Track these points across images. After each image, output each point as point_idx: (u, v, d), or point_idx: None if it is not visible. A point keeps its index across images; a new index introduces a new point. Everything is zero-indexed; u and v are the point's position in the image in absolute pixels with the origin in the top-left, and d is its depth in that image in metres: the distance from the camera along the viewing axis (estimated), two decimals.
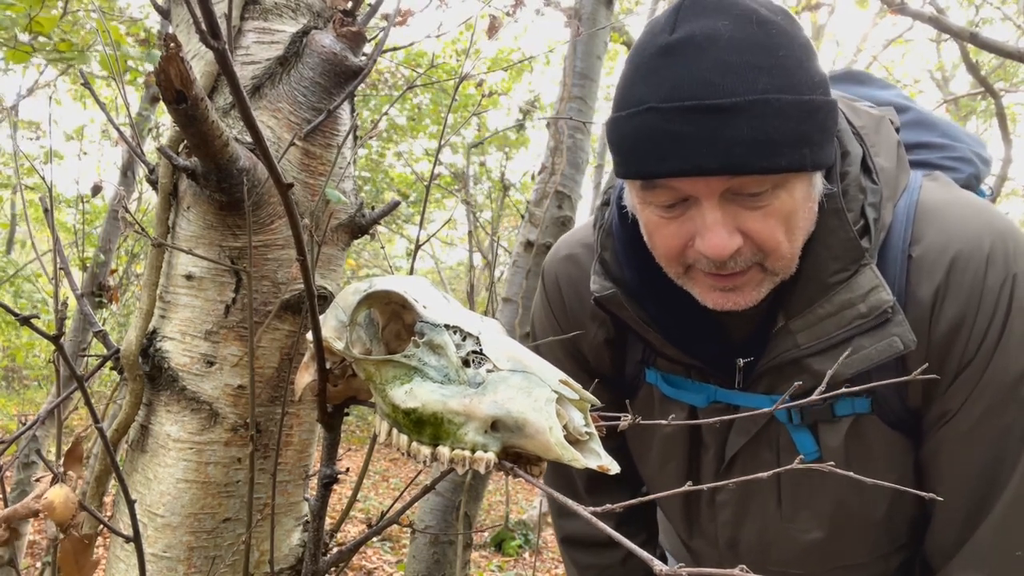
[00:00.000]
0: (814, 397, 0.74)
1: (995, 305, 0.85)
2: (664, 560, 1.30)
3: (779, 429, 0.98)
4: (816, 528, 1.01)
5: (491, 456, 0.60)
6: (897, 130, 1.00)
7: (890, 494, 0.96)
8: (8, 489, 3.38)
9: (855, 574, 1.07)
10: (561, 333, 1.15)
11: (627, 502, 0.58)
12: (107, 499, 1.27)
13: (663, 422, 0.82)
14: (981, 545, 0.90)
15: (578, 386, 0.64)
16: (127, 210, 1.15)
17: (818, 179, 0.85)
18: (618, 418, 0.78)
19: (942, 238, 0.88)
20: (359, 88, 1.00)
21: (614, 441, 1.18)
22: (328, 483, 0.79)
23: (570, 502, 0.55)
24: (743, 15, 0.80)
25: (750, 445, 1.00)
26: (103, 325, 1.62)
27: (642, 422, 0.79)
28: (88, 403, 0.66)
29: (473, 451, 0.60)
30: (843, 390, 0.78)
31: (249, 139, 0.90)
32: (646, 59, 0.83)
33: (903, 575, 1.08)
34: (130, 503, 0.72)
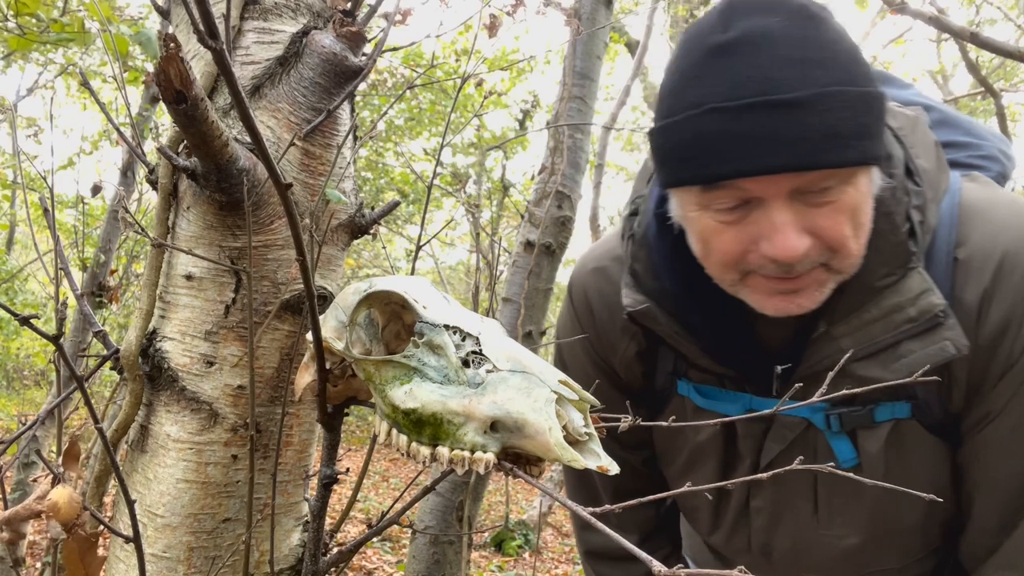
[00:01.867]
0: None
1: None
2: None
3: (816, 436, 0.97)
4: (853, 534, 1.00)
5: (490, 456, 0.60)
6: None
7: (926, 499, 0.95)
8: (8, 489, 3.38)
9: None
10: (590, 347, 1.12)
11: (627, 503, 0.58)
12: (107, 499, 1.27)
13: (664, 422, 0.81)
14: (1017, 548, 0.90)
15: (577, 386, 0.64)
16: (127, 210, 1.15)
17: (876, 173, 0.84)
18: (619, 419, 0.78)
19: (988, 240, 0.87)
20: (359, 89, 1.00)
21: (644, 452, 1.17)
22: (328, 483, 0.79)
23: (569, 503, 0.55)
24: (794, 12, 0.79)
25: (786, 453, 0.98)
26: (103, 325, 1.62)
27: (642, 423, 0.78)
28: (88, 403, 0.66)
29: (473, 451, 0.60)
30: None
31: (249, 139, 0.90)
32: (698, 60, 0.80)
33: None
34: (130, 503, 0.72)
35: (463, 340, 0.65)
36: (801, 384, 0.93)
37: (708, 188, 0.82)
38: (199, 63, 0.97)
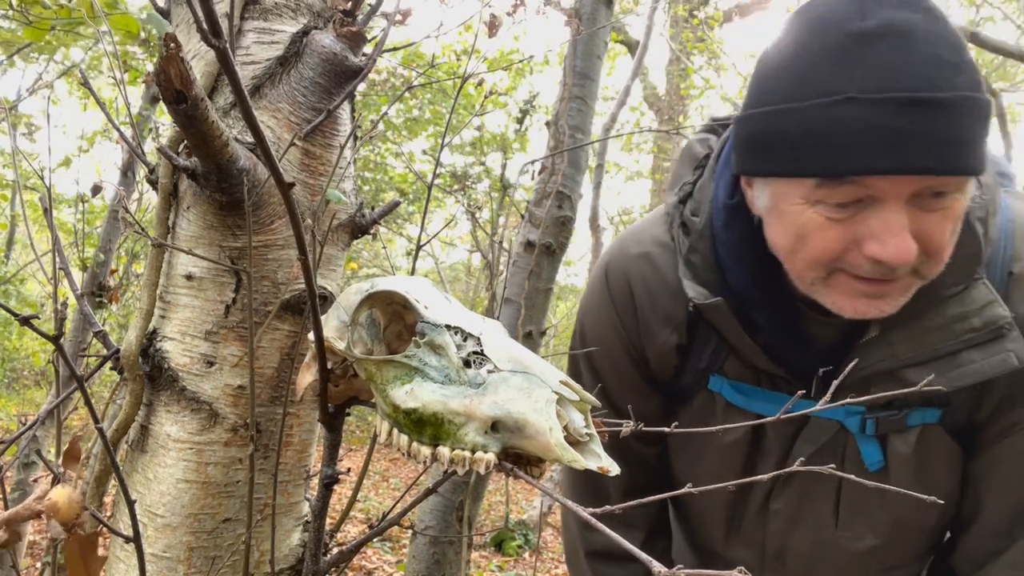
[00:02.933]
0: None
1: None
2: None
3: (847, 439, 0.97)
4: (871, 535, 1.00)
5: (491, 457, 0.60)
6: None
7: (947, 500, 0.97)
8: (8, 489, 3.38)
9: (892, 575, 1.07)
10: (625, 336, 1.08)
11: (627, 503, 0.58)
12: (107, 499, 1.27)
13: (636, 428, 0.80)
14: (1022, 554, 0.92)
15: (578, 387, 0.64)
16: (127, 210, 1.15)
17: (973, 183, 0.83)
18: (620, 426, 0.78)
19: None
20: (359, 89, 1.00)
21: (655, 449, 1.15)
22: (329, 483, 0.79)
23: (569, 502, 0.54)
24: (930, 9, 0.76)
25: (814, 454, 0.98)
26: (103, 325, 1.62)
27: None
28: (88, 403, 0.66)
29: (473, 451, 0.60)
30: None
31: (249, 139, 0.90)
32: (833, 45, 0.75)
33: (928, 573, 1.10)
34: (130, 503, 0.72)
35: (464, 340, 0.65)
36: (850, 387, 0.90)
37: (827, 182, 0.77)
38: (199, 63, 0.97)
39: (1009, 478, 0.93)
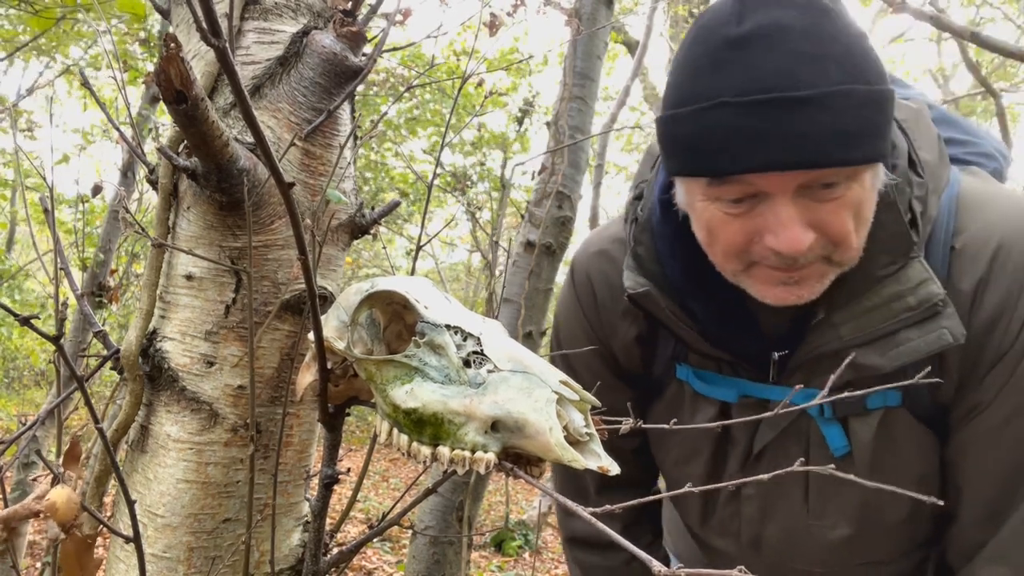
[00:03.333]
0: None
1: None
2: (667, 563, 1.29)
3: (809, 423, 0.98)
4: (844, 524, 1.00)
5: (491, 456, 0.60)
6: None
7: (914, 487, 0.95)
8: (8, 489, 3.38)
9: (876, 572, 1.06)
10: (592, 332, 1.12)
11: (628, 503, 0.58)
12: (107, 499, 1.27)
13: (661, 412, 0.81)
14: (1005, 544, 0.90)
15: (578, 387, 0.64)
16: (127, 210, 1.15)
17: (881, 169, 0.85)
18: (619, 421, 0.78)
19: (984, 230, 0.88)
20: (359, 89, 1.00)
21: (636, 440, 1.17)
22: (329, 483, 0.79)
23: (570, 503, 0.54)
24: (809, 4, 0.78)
25: (779, 439, 0.99)
26: (103, 325, 1.62)
27: (644, 425, 0.78)
28: (88, 403, 0.66)
29: (473, 451, 0.60)
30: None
31: (249, 139, 0.90)
32: (711, 52, 0.80)
33: (920, 573, 1.08)
34: (130, 503, 0.72)
35: (464, 340, 0.65)
36: (801, 369, 0.94)
37: (714, 181, 0.82)
38: (199, 63, 0.97)
39: (981, 463, 0.92)
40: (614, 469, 0.60)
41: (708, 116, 0.79)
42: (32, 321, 0.57)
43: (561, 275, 2.87)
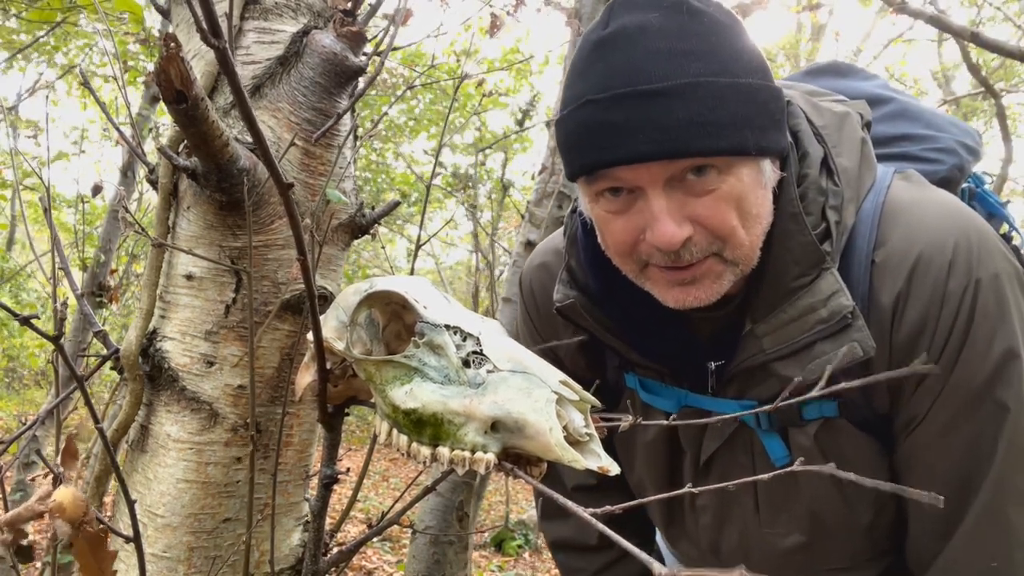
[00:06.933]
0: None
1: (956, 311, 0.83)
2: (662, 560, 1.29)
3: (752, 434, 0.97)
4: (796, 532, 1.00)
5: (491, 457, 0.60)
6: (867, 125, 0.98)
7: (870, 498, 0.94)
8: (8, 489, 3.38)
9: None
10: (540, 340, 1.14)
11: (628, 503, 0.58)
12: (107, 499, 1.27)
13: (636, 422, 0.81)
14: (955, 555, 0.89)
15: (578, 387, 0.64)
16: (127, 210, 1.15)
17: (767, 165, 0.84)
18: (619, 419, 0.78)
19: (905, 242, 0.87)
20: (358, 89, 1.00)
21: (606, 449, 1.18)
22: (329, 483, 0.79)
23: (570, 503, 0.54)
24: (673, 6, 0.81)
25: (725, 449, 0.99)
26: (103, 325, 1.61)
27: (641, 423, 0.78)
28: (88, 403, 0.66)
29: (473, 452, 0.60)
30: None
31: (249, 139, 0.90)
32: (582, 56, 0.84)
33: None
34: (130, 503, 0.72)
35: (464, 340, 0.65)
36: (734, 380, 0.94)
37: (591, 179, 0.84)
38: (199, 63, 0.97)
39: (926, 475, 0.90)
40: (614, 469, 0.60)
41: (577, 116, 0.82)
42: (32, 321, 0.57)
43: None
